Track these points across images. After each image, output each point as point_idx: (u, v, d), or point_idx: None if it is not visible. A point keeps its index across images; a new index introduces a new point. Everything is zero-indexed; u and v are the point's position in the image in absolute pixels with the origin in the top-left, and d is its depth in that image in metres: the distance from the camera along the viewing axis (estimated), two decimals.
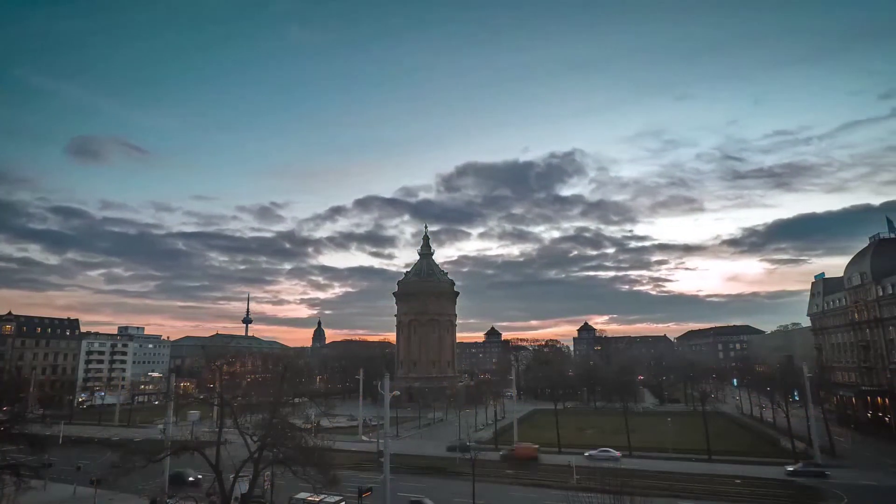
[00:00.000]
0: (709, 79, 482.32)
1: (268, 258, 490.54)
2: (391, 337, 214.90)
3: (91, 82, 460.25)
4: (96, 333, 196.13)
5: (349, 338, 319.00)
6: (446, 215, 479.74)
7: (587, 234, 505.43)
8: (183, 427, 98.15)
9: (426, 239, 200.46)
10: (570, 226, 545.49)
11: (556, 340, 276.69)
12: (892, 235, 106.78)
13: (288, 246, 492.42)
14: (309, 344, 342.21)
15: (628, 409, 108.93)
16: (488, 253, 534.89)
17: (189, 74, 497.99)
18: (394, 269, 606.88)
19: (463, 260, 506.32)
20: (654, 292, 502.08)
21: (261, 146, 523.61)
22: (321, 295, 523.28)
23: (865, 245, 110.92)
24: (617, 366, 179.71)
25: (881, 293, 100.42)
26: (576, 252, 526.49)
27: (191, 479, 64.22)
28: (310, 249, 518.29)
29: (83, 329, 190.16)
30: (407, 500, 55.71)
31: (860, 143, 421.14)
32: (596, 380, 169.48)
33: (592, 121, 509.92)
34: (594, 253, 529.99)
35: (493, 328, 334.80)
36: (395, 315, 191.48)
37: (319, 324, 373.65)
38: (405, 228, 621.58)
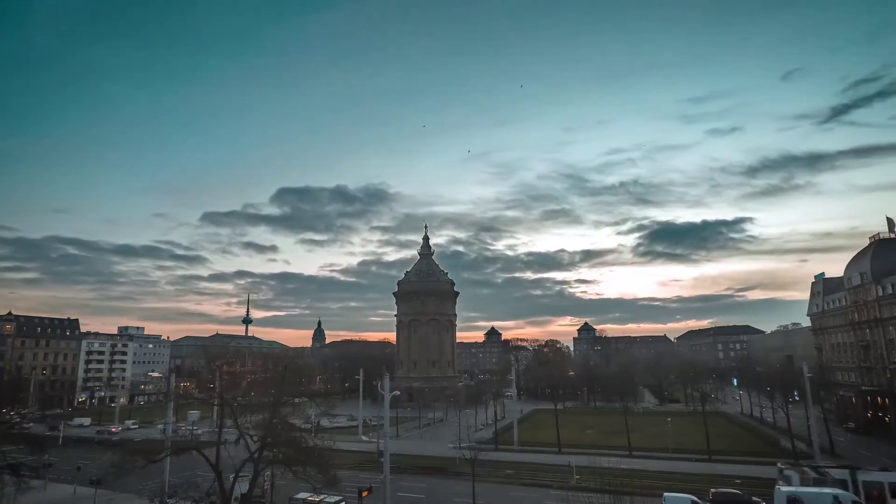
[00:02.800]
0: (536, 104, 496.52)
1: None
2: (391, 337, 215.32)
3: None
4: (96, 333, 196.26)
5: (349, 338, 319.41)
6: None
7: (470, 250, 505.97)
8: (183, 427, 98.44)
9: (426, 239, 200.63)
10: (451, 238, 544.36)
11: (556, 340, 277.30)
12: (892, 235, 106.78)
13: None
14: (308, 344, 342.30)
15: (628, 409, 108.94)
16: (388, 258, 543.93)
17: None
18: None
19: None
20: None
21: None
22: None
23: (865, 245, 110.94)
24: (617, 365, 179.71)
25: (881, 293, 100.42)
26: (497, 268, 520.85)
27: None
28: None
29: None
30: (406, 499, 55.75)
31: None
32: (596, 380, 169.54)
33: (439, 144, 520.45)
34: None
35: (493, 328, 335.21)
36: (395, 315, 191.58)
37: (319, 324, 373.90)
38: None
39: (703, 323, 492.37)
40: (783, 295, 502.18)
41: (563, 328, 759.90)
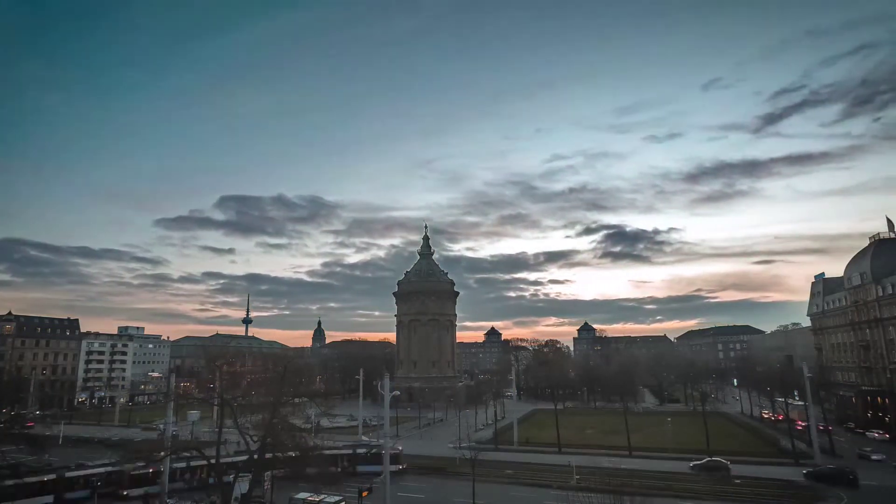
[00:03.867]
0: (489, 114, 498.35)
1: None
2: (391, 337, 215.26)
3: None
4: (96, 333, 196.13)
5: (348, 338, 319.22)
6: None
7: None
8: (183, 427, 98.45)
9: (426, 239, 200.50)
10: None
11: (556, 340, 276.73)
12: (892, 235, 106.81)
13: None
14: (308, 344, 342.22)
15: (628, 409, 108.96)
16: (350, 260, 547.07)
17: None
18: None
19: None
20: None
21: None
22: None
23: (865, 245, 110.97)
24: (617, 365, 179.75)
25: (881, 293, 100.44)
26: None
27: None
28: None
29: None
30: (406, 499, 55.73)
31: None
32: (596, 380, 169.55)
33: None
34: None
35: (493, 328, 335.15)
36: (395, 315, 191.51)
37: (319, 323, 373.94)
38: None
39: (690, 323, 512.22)
40: (755, 296, 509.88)
41: (550, 329, 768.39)
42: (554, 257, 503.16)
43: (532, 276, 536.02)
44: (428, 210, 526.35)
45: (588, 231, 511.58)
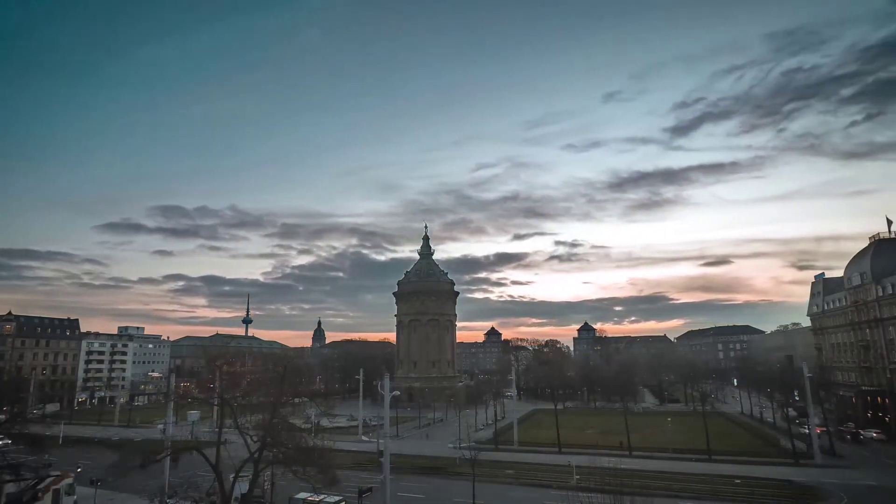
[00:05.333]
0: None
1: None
2: (391, 337, 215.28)
3: None
4: (96, 333, 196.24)
5: (348, 338, 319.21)
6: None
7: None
8: (183, 427, 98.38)
9: (426, 239, 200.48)
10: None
11: (556, 340, 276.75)
12: (892, 235, 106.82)
13: None
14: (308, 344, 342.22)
15: (628, 409, 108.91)
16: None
17: None
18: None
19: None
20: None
21: None
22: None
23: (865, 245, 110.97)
24: (617, 365, 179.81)
25: (881, 293, 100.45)
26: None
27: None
28: None
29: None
30: (406, 499, 55.67)
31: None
32: (596, 380, 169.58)
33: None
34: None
35: (492, 328, 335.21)
36: (395, 315, 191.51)
37: (319, 324, 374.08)
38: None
39: (671, 324, 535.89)
40: (719, 297, 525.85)
41: (531, 329, 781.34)
42: (506, 259, 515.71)
43: (493, 276, 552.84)
44: (367, 217, 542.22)
45: (523, 237, 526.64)
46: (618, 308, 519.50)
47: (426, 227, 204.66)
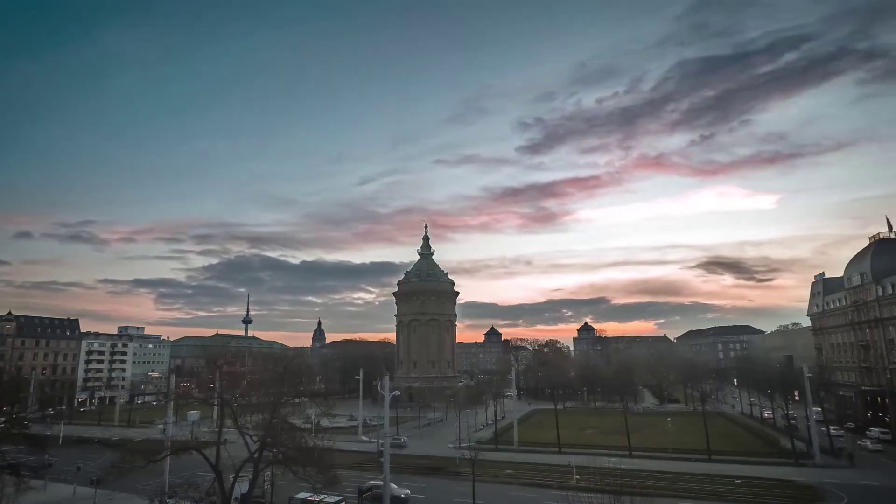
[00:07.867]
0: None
1: None
2: (391, 337, 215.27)
3: None
4: (96, 333, 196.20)
5: (348, 338, 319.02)
6: None
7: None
8: (183, 427, 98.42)
9: (426, 239, 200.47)
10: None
11: (556, 340, 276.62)
12: (892, 235, 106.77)
13: None
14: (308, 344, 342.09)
15: (628, 409, 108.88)
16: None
17: None
18: None
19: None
20: None
21: None
22: None
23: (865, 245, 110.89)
24: (617, 365, 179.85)
25: (881, 293, 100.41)
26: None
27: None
28: None
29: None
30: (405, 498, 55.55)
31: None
32: (596, 380, 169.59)
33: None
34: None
35: (492, 328, 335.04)
36: (395, 315, 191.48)
37: (319, 324, 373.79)
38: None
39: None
40: (658, 298, 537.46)
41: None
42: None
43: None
44: (274, 226, 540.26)
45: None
46: (569, 312, 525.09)
47: (426, 227, 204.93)
